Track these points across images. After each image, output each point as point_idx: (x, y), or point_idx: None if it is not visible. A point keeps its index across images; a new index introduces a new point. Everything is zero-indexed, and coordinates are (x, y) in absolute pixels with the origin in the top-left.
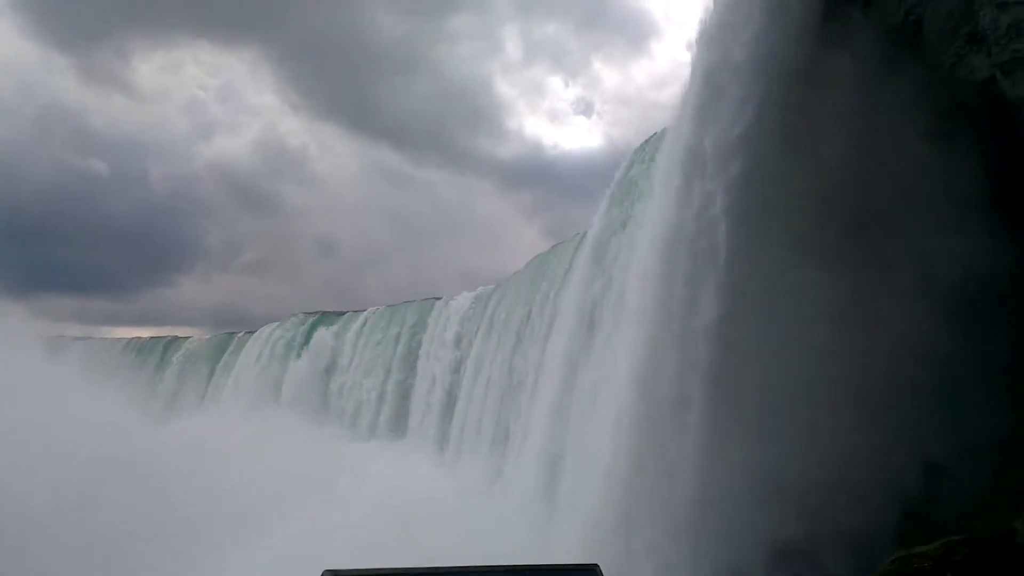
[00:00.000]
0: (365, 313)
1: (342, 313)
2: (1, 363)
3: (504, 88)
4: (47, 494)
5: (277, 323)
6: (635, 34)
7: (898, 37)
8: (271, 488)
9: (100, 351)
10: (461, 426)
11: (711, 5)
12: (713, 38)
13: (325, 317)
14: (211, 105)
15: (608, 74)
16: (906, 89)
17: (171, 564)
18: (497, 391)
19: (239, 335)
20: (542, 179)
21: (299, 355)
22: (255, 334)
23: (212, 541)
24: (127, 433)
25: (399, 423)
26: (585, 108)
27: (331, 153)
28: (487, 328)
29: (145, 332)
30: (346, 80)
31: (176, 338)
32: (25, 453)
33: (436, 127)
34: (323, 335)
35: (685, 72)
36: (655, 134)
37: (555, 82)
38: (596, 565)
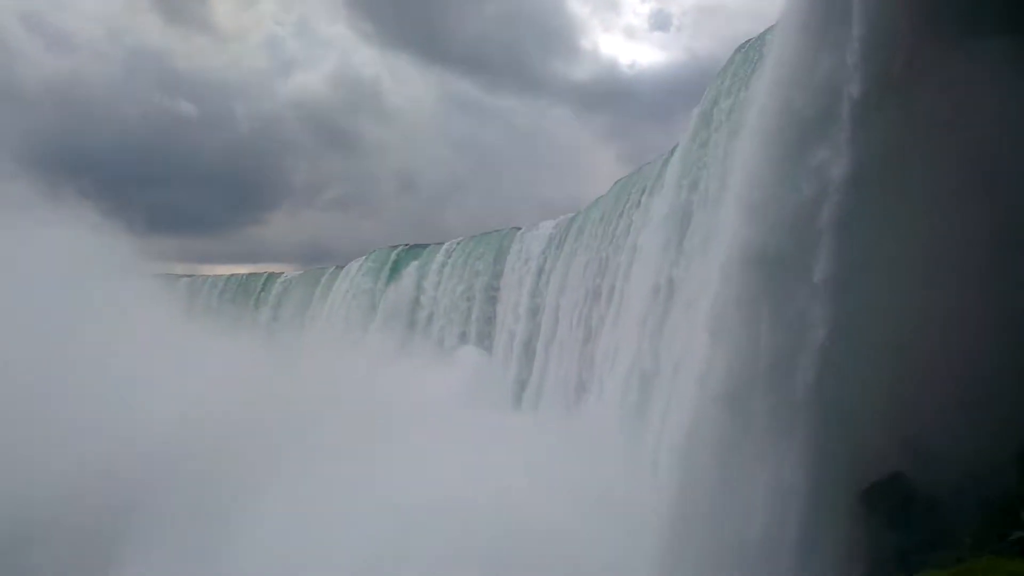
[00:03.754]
0: (447, 244)
1: (425, 245)
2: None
3: (576, 6)
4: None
5: (364, 256)
6: None
7: None
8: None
9: (204, 288)
10: (545, 351)
11: None
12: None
13: (410, 250)
14: (288, 40)
15: None
16: None
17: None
18: (582, 313)
19: (330, 269)
20: (618, 101)
21: (386, 287)
22: (344, 268)
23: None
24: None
25: (483, 344)
26: (663, 22)
27: (405, 84)
28: (570, 253)
29: (241, 268)
30: (416, 5)
31: (272, 274)
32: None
33: (508, 51)
34: (409, 267)
35: None
36: (743, 44)
37: None
38: None
